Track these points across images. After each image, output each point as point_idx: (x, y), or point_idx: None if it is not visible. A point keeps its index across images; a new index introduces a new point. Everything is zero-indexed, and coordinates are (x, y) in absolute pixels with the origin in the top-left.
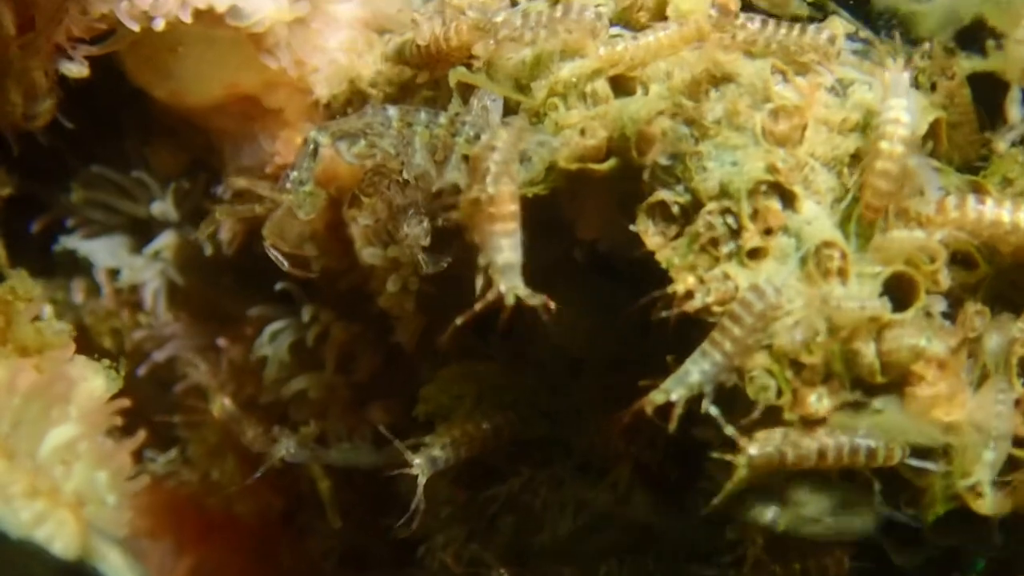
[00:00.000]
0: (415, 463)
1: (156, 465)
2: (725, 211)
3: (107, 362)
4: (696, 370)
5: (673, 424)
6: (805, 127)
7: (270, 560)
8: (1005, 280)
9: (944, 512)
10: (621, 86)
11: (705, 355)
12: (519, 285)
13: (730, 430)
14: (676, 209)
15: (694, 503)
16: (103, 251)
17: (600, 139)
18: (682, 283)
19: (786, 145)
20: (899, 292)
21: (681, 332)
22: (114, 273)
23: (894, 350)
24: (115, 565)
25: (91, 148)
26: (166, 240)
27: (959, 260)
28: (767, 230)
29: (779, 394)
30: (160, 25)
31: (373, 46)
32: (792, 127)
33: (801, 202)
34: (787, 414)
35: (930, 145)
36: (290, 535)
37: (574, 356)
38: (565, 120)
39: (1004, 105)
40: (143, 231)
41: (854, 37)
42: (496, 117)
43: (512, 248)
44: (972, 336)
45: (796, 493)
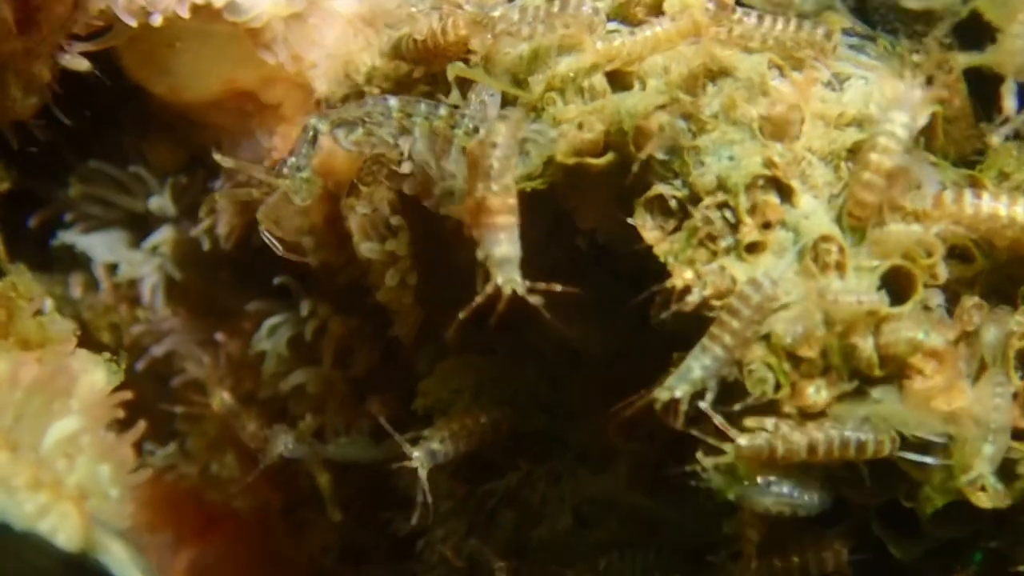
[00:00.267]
0: (414, 456)
1: (155, 458)
2: (723, 205)
3: (107, 355)
4: (697, 365)
5: (680, 421)
6: (802, 121)
7: (269, 554)
8: (1002, 274)
9: (943, 505)
10: (618, 81)
11: (705, 350)
12: (516, 279)
13: (719, 420)
14: (674, 203)
15: (693, 496)
16: (101, 246)
17: (597, 133)
18: (680, 277)
19: (783, 140)
20: (897, 286)
21: (680, 325)
22: (112, 268)
23: (892, 343)
24: (118, 557)
25: (89, 143)
26: (164, 235)
27: (956, 254)
28: (765, 224)
29: (777, 387)
30: (158, 20)
31: (370, 41)
32: (789, 122)
33: (798, 196)
34: (786, 407)
35: (925, 140)
36: (289, 529)
37: (574, 348)
38: (562, 115)
39: (999, 98)
40: (141, 226)
41: (851, 32)
42: (494, 112)
43: (510, 241)
44: (970, 329)
45: None
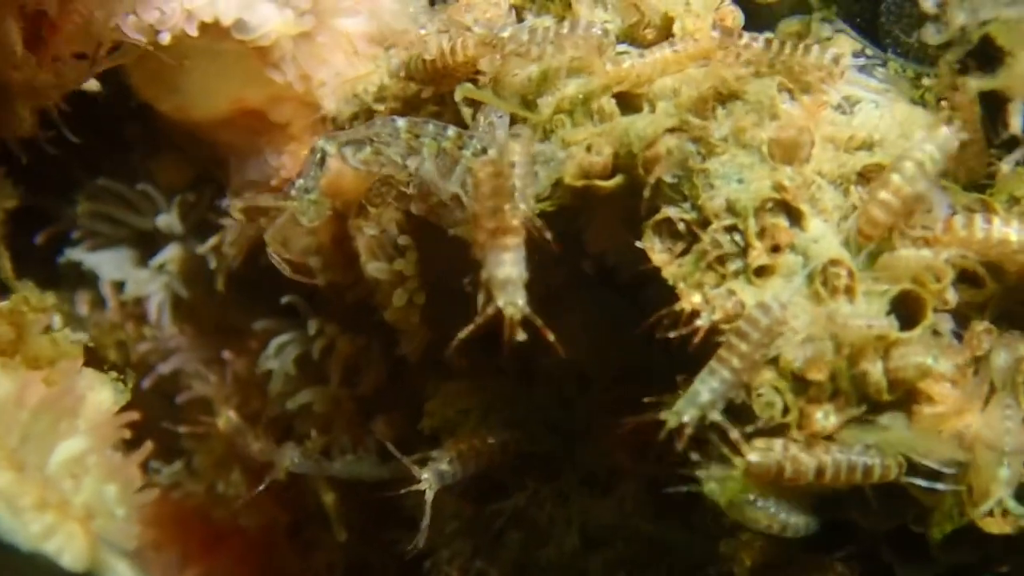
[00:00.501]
0: (423, 477)
1: (161, 476)
2: (732, 228)
3: (114, 374)
4: (705, 389)
5: (683, 444)
6: (812, 145)
7: (275, 573)
8: (1012, 299)
9: (952, 530)
10: (628, 103)
11: (713, 373)
12: (518, 301)
13: (735, 434)
14: (682, 226)
15: (701, 517)
16: (108, 264)
17: (606, 156)
18: (688, 301)
19: (793, 163)
20: (906, 311)
21: (687, 345)
22: (119, 286)
23: (901, 368)
24: None
25: (97, 161)
26: (171, 253)
27: (966, 278)
28: (774, 248)
29: (785, 411)
30: (166, 39)
31: (379, 61)
32: (799, 145)
33: (808, 220)
34: (794, 431)
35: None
36: (295, 548)
37: (581, 370)
38: (571, 137)
39: (1009, 122)
40: (148, 244)
41: (861, 54)
42: (503, 134)
43: (514, 263)
44: (979, 355)
45: None
